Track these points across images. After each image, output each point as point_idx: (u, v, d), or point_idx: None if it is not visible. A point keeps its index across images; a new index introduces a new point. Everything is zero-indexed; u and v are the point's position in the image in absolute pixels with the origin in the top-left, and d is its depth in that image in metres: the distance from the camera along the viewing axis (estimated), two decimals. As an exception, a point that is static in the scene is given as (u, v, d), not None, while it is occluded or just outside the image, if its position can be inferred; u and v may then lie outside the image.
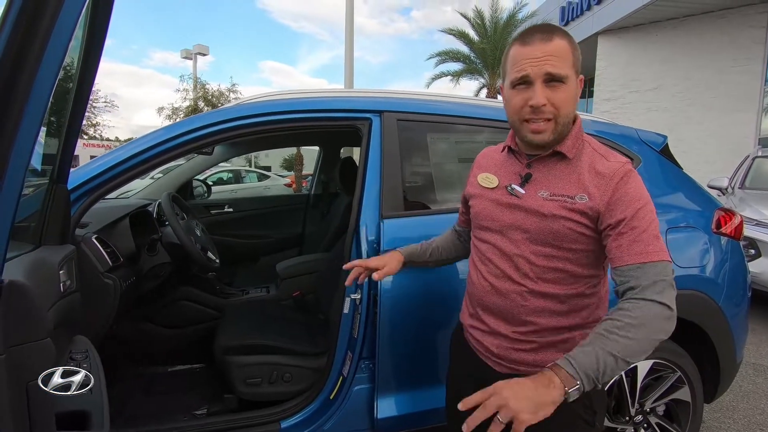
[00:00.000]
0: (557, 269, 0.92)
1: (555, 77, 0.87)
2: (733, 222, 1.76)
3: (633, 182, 0.88)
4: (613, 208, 0.87)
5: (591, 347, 0.77)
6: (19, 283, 0.74)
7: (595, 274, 0.95)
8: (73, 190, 1.24)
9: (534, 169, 0.96)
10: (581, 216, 0.89)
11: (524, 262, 0.94)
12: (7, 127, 0.58)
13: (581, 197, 0.89)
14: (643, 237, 0.84)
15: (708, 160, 9.00)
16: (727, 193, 4.79)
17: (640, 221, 0.85)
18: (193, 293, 2.17)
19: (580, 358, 0.76)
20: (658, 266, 0.83)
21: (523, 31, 0.93)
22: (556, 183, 0.92)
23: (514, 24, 13.82)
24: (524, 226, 0.93)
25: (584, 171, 0.91)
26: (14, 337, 0.71)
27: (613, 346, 0.77)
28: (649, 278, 0.81)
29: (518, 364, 0.97)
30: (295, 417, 1.45)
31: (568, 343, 0.94)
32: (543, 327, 0.94)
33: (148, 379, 1.93)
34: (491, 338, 1.00)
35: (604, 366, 0.76)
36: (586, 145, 0.95)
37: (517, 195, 0.95)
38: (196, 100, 18.62)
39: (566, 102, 0.88)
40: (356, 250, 1.42)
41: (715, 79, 9.55)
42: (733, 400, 2.39)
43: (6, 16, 0.57)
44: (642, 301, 0.80)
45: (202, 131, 1.41)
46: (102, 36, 0.93)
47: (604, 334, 0.78)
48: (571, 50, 0.89)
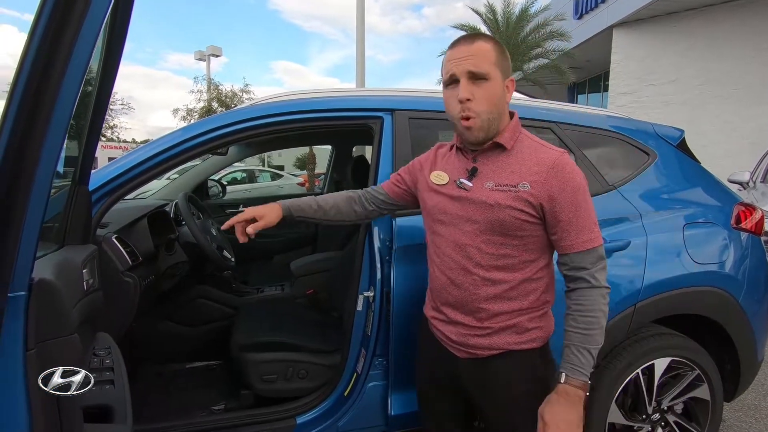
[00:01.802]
0: (506, 256, 1.00)
1: (476, 75, 0.96)
2: (753, 217, 1.72)
3: (570, 170, 0.97)
4: (554, 196, 0.96)
5: (584, 348, 0.95)
6: (48, 280, 0.77)
7: (540, 258, 1.04)
8: (94, 191, 1.27)
9: (479, 163, 1.04)
10: (525, 204, 0.97)
11: (476, 252, 1.01)
12: (36, 134, 0.61)
13: (523, 185, 0.97)
14: (584, 224, 0.96)
15: (729, 154, 8.77)
16: (749, 188, 4.67)
17: (580, 209, 0.96)
18: (209, 292, 2.21)
19: (584, 363, 0.95)
20: (598, 250, 0.98)
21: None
22: (499, 174, 1.00)
23: (526, 18, 13.64)
24: (474, 217, 1.01)
25: (525, 160, 0.99)
26: (44, 332, 0.74)
27: (596, 339, 0.96)
28: (592, 264, 0.97)
29: (475, 348, 1.06)
30: (310, 413, 1.48)
31: (518, 327, 1.03)
32: (495, 312, 1.03)
33: (167, 376, 1.97)
34: (451, 327, 1.09)
35: (595, 357, 0.96)
36: (524, 138, 1.03)
37: (466, 188, 1.03)
38: (210, 101, 18.87)
39: (490, 97, 0.96)
40: (369, 248, 1.43)
41: (736, 71, 9.29)
42: (755, 399, 2.34)
43: (33, 32, 0.59)
44: (593, 290, 0.97)
45: (217, 132, 1.43)
46: (121, 42, 0.95)
47: (586, 333, 0.95)
48: (494, 52, 0.98)
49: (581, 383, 0.95)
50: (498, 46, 1.00)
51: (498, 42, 1.02)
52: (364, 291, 1.41)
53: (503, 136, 1.01)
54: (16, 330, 0.69)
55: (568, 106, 1.84)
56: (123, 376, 0.91)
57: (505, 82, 1.00)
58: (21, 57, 0.60)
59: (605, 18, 10.95)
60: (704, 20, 9.62)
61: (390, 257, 1.40)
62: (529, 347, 1.04)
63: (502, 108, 1.00)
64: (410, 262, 1.41)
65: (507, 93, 1.01)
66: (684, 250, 1.57)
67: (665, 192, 1.71)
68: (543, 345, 1.07)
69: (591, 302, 0.96)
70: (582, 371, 0.95)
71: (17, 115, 0.60)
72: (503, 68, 0.99)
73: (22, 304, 0.70)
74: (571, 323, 0.98)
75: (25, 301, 0.71)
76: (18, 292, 0.70)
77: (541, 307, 1.05)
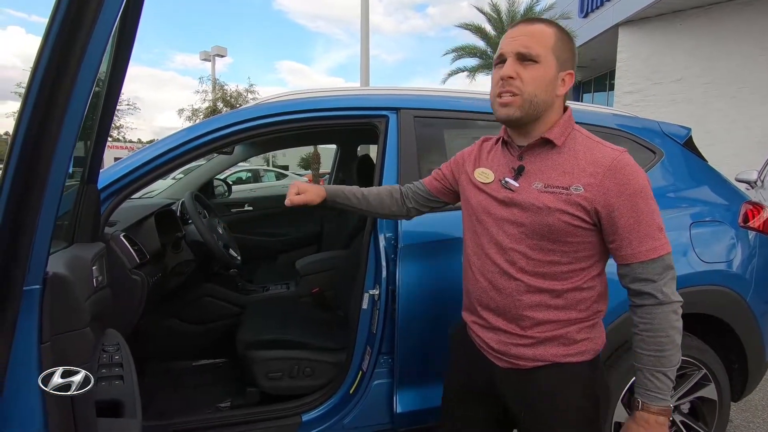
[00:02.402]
0: (554, 263, 0.91)
1: (526, 56, 0.88)
2: (761, 216, 1.71)
3: (631, 171, 0.87)
4: (612, 200, 0.86)
5: (657, 372, 0.87)
6: (62, 274, 0.78)
7: (592, 266, 0.94)
8: (102, 190, 1.28)
9: (526, 161, 0.95)
10: (577, 209, 0.87)
11: (520, 257, 0.93)
12: (49, 136, 0.63)
13: (576, 188, 0.87)
14: (648, 231, 0.86)
15: (736, 152, 8.69)
16: (756, 187, 4.63)
17: (643, 214, 0.86)
18: (215, 290, 2.22)
19: (660, 387, 0.87)
20: (665, 259, 0.87)
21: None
22: (549, 174, 0.91)
23: (531, 17, 13.58)
24: (519, 220, 0.92)
25: (579, 160, 0.89)
26: (58, 326, 0.76)
27: (672, 360, 0.87)
28: (659, 276, 0.87)
29: (518, 359, 0.97)
30: (315, 410, 1.48)
31: (565, 338, 0.94)
32: (540, 321, 0.94)
33: (174, 374, 1.99)
34: (491, 334, 1.00)
35: (674, 378, 0.88)
36: (578, 135, 0.93)
37: (511, 188, 0.95)
38: (215, 101, 18.95)
39: (535, 80, 0.88)
40: (374, 246, 1.44)
41: (743, 69, 9.21)
42: (762, 399, 2.32)
43: (48, 35, 0.61)
44: (661, 307, 0.86)
45: (222, 132, 1.44)
46: (130, 44, 0.97)
47: (659, 356, 0.87)
48: (553, 36, 0.90)
49: (660, 408, 0.87)
50: (561, 33, 0.91)
51: (563, 30, 0.92)
52: (369, 289, 1.42)
53: (553, 131, 0.91)
54: (31, 323, 0.71)
55: (574, 105, 1.84)
56: (132, 372, 0.92)
57: (561, 74, 0.90)
58: (36, 59, 0.61)
59: (611, 16, 10.89)
60: (710, 18, 9.55)
61: (395, 255, 1.40)
62: (578, 360, 0.95)
63: (550, 97, 0.90)
64: (416, 260, 1.41)
65: (561, 85, 0.91)
66: (691, 248, 1.56)
67: (672, 190, 1.70)
68: (593, 357, 0.97)
69: (660, 320, 0.86)
70: (658, 395, 0.87)
71: (32, 116, 0.62)
72: (561, 57, 0.90)
73: (37, 298, 0.72)
74: (640, 345, 0.89)
75: (39, 294, 0.72)
76: (33, 285, 0.71)
77: (591, 318, 0.96)
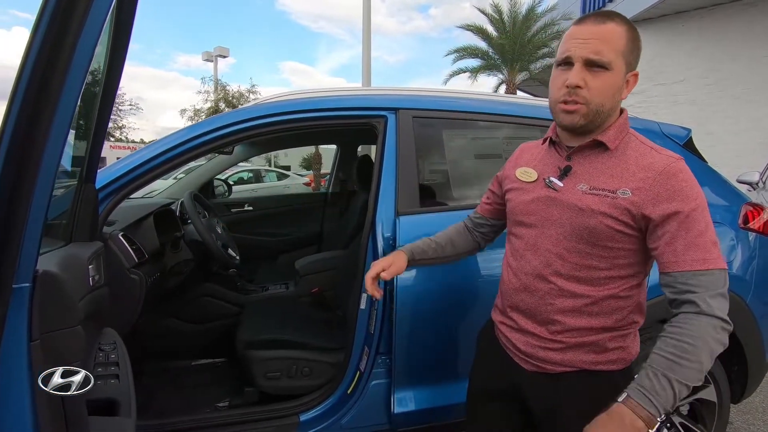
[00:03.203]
0: (591, 267, 0.87)
1: (596, 63, 0.82)
2: (761, 217, 1.70)
3: (685, 178, 0.81)
4: (662, 205, 0.80)
5: (663, 375, 0.75)
6: (52, 272, 0.78)
7: (632, 276, 0.89)
8: (101, 189, 1.29)
9: (574, 162, 0.91)
10: (622, 213, 0.83)
11: (556, 259, 0.90)
12: (39, 133, 0.63)
13: (623, 192, 0.83)
14: (699, 241, 0.78)
15: (739, 154, 8.66)
16: (758, 188, 4.62)
17: (695, 223, 0.79)
18: (215, 289, 2.22)
19: (658, 390, 0.75)
20: (716, 275, 0.78)
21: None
22: (597, 176, 0.87)
23: (533, 18, 13.58)
24: (560, 221, 0.89)
25: (629, 164, 0.84)
26: (48, 323, 0.75)
27: (686, 374, 0.75)
28: (705, 289, 0.77)
29: (545, 362, 0.94)
30: (313, 410, 1.48)
31: (596, 345, 0.90)
32: (571, 327, 0.90)
33: (173, 373, 1.99)
34: (519, 335, 0.98)
35: (679, 396, 0.75)
36: (632, 139, 0.88)
37: (555, 188, 0.91)
38: (217, 102, 18.98)
39: (604, 89, 0.83)
40: (372, 246, 1.43)
41: (747, 71, 9.18)
42: (763, 401, 2.31)
43: (36, 30, 0.60)
44: (701, 316, 0.76)
45: (222, 131, 1.44)
46: (125, 41, 0.97)
47: (674, 360, 0.75)
48: (625, 39, 0.84)
49: (644, 413, 0.74)
50: (632, 32, 0.85)
51: (633, 28, 0.86)
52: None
53: (607, 134, 0.87)
54: (20, 321, 0.70)
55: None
56: (128, 370, 0.92)
57: (627, 76, 0.86)
58: (24, 52, 0.61)
59: (613, 17, 10.85)
60: (713, 20, 9.52)
61: (393, 256, 1.40)
62: (608, 369, 0.91)
63: (616, 104, 0.87)
64: (413, 260, 1.41)
65: (625, 88, 0.87)
66: (690, 250, 1.55)
67: (671, 191, 1.70)
68: (625, 367, 0.93)
69: (695, 328, 0.76)
70: (649, 397, 0.74)
71: (21, 110, 0.62)
72: (630, 59, 0.85)
73: (27, 296, 0.71)
74: (660, 345, 0.79)
75: (29, 292, 0.72)
76: (22, 283, 0.71)
77: (626, 328, 0.91)
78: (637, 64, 0.88)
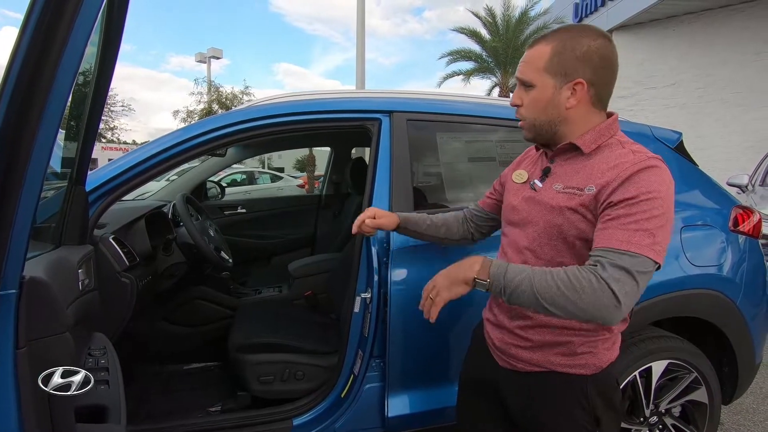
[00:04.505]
0: (562, 264, 0.89)
1: (525, 82, 0.94)
2: (751, 220, 1.72)
3: (655, 173, 0.82)
4: (619, 191, 0.81)
5: (527, 271, 0.81)
6: (39, 278, 0.77)
7: None
8: (91, 192, 1.27)
9: (555, 164, 0.97)
10: (586, 208, 0.87)
11: (531, 255, 0.95)
12: (26, 134, 0.61)
13: (589, 188, 0.86)
14: (632, 226, 0.78)
15: (729, 157, 8.78)
16: (747, 191, 4.67)
17: (642, 211, 0.78)
18: (207, 293, 2.21)
19: (511, 269, 0.83)
20: (636, 258, 0.76)
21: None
22: (571, 176, 0.92)
23: (526, 22, 13.69)
24: (536, 220, 0.95)
25: (603, 165, 0.87)
26: (35, 331, 0.74)
27: (542, 285, 0.78)
28: (618, 262, 0.76)
29: (516, 360, 1.00)
30: (307, 414, 1.47)
31: (564, 347, 0.93)
32: (542, 323, 0.95)
33: (165, 378, 1.97)
34: (497, 331, 1.05)
35: (518, 287, 0.80)
36: (616, 143, 0.90)
37: (536, 189, 0.98)
38: (211, 103, 18.89)
39: (531, 104, 0.94)
40: (366, 249, 1.43)
41: (736, 75, 9.31)
42: (753, 402, 2.34)
43: (24, 28, 0.59)
44: (595, 277, 0.76)
45: (215, 133, 1.43)
46: (117, 42, 0.96)
47: (545, 271, 0.80)
48: (548, 54, 0.90)
49: (487, 268, 0.83)
50: (561, 45, 0.89)
51: (568, 39, 0.89)
52: (361, 292, 1.41)
53: (583, 138, 0.91)
54: (7, 328, 0.69)
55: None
56: (118, 376, 0.91)
57: (567, 86, 0.89)
58: (12, 51, 0.60)
59: (605, 21, 10.97)
60: (704, 24, 9.65)
61: (387, 259, 1.40)
62: (578, 372, 0.94)
63: (556, 115, 0.91)
64: (407, 263, 1.41)
65: (571, 97, 0.89)
66: (681, 252, 1.57)
67: (663, 194, 1.71)
68: (595, 373, 0.94)
69: (585, 280, 0.76)
70: (501, 266, 0.83)
71: (8, 110, 0.60)
72: (561, 71, 0.89)
73: (13, 302, 0.70)
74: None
75: (15, 299, 0.71)
76: (8, 290, 0.69)
77: (601, 333, 0.93)
78: (586, 71, 0.89)
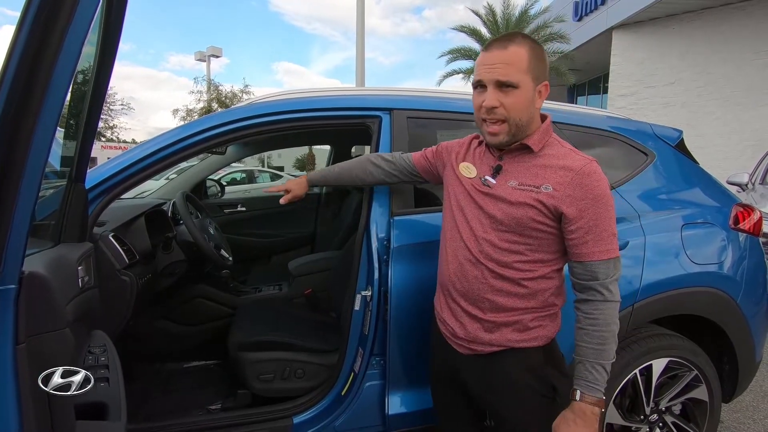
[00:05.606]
0: (519, 253, 1.02)
1: (504, 83, 0.96)
2: (752, 218, 1.72)
3: (597, 178, 0.96)
4: (577, 204, 0.95)
5: (598, 364, 0.96)
6: (38, 274, 0.76)
7: (554, 260, 1.04)
8: (91, 190, 1.27)
9: (505, 162, 1.05)
10: (543, 205, 0.97)
11: (488, 245, 1.03)
12: (24, 132, 0.61)
13: (546, 187, 0.98)
14: (604, 235, 0.96)
15: (729, 156, 8.79)
16: (748, 189, 4.68)
17: (602, 219, 0.96)
18: (207, 291, 2.20)
19: (599, 379, 0.96)
20: (613, 263, 0.97)
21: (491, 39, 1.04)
22: (524, 174, 1.01)
23: (526, 20, 13.67)
24: (492, 213, 1.03)
25: (551, 164, 0.99)
26: (34, 327, 0.74)
27: (610, 354, 0.97)
28: (606, 276, 0.96)
29: (476, 343, 1.07)
30: (307, 412, 1.47)
31: (520, 324, 1.04)
32: (500, 306, 1.04)
33: (165, 376, 1.97)
34: (454, 320, 1.11)
35: (609, 372, 0.97)
36: (554, 143, 1.03)
37: (489, 185, 1.05)
38: (210, 102, 18.88)
39: (517, 105, 0.97)
40: (366, 247, 1.43)
41: (736, 73, 9.31)
42: (753, 400, 2.34)
43: (21, 24, 0.59)
44: (606, 303, 0.97)
45: (214, 131, 1.43)
46: (115, 40, 0.95)
47: (599, 349, 0.96)
48: (527, 56, 0.96)
49: (596, 400, 0.96)
50: (533, 50, 0.97)
51: (535, 44, 0.99)
52: (361, 290, 1.41)
53: (531, 138, 1.01)
54: (6, 324, 0.69)
55: (568, 107, 1.84)
56: (118, 373, 0.91)
57: (538, 87, 0.99)
58: (9, 49, 0.59)
59: (605, 20, 10.97)
60: (703, 23, 9.65)
61: (388, 257, 1.40)
62: (531, 345, 1.05)
63: (532, 113, 1.00)
64: (408, 261, 1.40)
65: (539, 98, 1.00)
66: (682, 250, 1.57)
67: (664, 192, 1.71)
68: (547, 343, 1.07)
69: (605, 316, 0.96)
70: (597, 387, 0.96)
71: (5, 108, 0.60)
72: (536, 74, 0.97)
73: (12, 298, 0.70)
74: (584, 338, 0.98)
75: (15, 294, 0.70)
76: (8, 285, 0.69)
77: (547, 308, 1.06)
78: (546, 75, 1.01)
